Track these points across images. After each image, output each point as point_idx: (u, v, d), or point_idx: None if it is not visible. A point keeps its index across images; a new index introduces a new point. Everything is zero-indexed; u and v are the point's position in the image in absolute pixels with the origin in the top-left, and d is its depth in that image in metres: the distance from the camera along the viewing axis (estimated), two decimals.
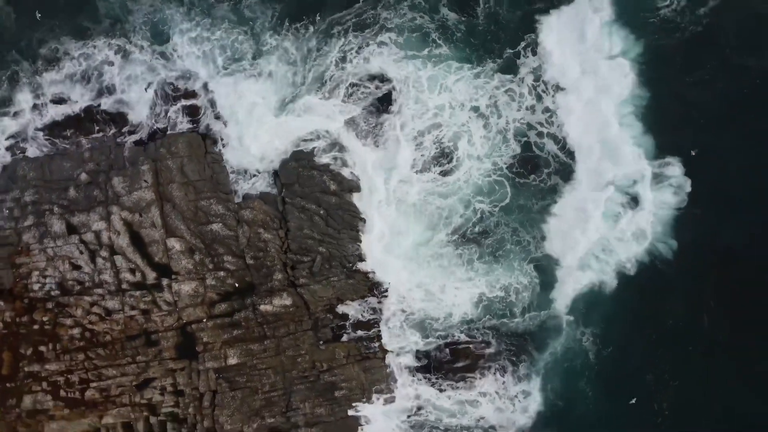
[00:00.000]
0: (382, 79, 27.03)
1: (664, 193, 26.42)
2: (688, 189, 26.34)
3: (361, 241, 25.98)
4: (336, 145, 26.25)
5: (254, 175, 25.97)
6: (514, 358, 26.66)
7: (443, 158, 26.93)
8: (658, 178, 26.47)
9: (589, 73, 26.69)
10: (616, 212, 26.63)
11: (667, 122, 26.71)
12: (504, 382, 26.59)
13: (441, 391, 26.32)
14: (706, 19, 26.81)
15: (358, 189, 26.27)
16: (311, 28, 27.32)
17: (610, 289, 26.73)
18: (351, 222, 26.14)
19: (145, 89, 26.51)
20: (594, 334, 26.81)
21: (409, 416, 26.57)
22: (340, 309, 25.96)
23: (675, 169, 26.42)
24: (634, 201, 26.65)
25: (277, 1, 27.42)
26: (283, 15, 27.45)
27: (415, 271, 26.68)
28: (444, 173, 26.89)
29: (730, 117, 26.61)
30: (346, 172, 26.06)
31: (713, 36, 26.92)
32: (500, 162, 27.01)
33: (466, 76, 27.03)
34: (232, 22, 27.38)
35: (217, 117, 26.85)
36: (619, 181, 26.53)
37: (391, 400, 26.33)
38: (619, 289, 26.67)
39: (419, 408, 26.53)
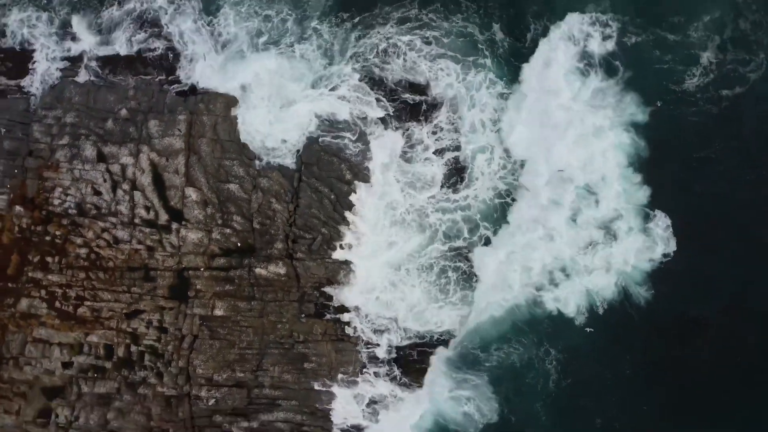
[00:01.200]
0: (418, 86, 28.82)
1: (647, 243, 28.06)
2: (673, 247, 27.81)
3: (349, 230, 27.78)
4: (361, 138, 27.94)
5: (278, 149, 27.70)
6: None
7: (457, 174, 28.61)
8: (645, 228, 28.03)
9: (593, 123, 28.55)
10: (595, 244, 28.15)
11: (664, 181, 28.12)
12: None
13: (401, 385, 27.98)
14: (726, 103, 28.23)
15: (367, 180, 27.80)
16: (357, 19, 29.04)
17: (581, 323, 28.21)
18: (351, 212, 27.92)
19: (193, 48, 28.38)
20: (558, 360, 28.37)
21: (367, 405, 28.24)
22: (328, 289, 27.68)
23: (662, 223, 27.97)
24: (614, 237, 28.20)
25: None
26: (335, 4, 29.34)
27: (399, 277, 28.42)
28: (455, 189, 28.55)
29: (729, 197, 28.01)
30: (362, 165, 27.76)
31: (729, 121, 28.29)
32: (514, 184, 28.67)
33: (498, 92, 28.68)
34: (281, 3, 29.28)
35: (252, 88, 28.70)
36: (603, 216, 28.14)
37: (353, 384, 28.04)
38: (590, 326, 28.14)
39: (375, 402, 28.20)
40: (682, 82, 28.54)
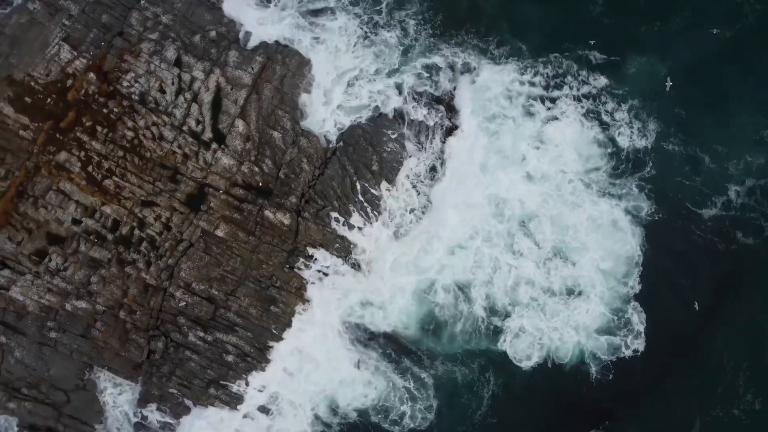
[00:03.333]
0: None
1: (618, 327, 30.78)
2: (640, 346, 30.31)
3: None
4: (399, 141, 31.08)
5: (327, 120, 30.82)
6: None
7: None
8: (620, 312, 30.79)
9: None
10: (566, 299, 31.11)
11: (649, 281, 30.38)
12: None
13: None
14: (734, 246, 29.77)
15: (390, 181, 31.05)
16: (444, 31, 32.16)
17: (527, 367, 30.84)
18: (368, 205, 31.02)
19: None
20: (494, 391, 31.05)
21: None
22: (318, 253, 30.76)
23: (637, 318, 30.54)
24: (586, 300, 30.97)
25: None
26: (428, 12, 32.41)
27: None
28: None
29: (702, 332, 30.27)
30: (391, 166, 30.89)
31: (728, 264, 29.99)
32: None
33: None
34: None
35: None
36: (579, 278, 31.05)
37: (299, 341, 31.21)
38: (533, 373, 30.79)
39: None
40: (701, 205, 30.01)
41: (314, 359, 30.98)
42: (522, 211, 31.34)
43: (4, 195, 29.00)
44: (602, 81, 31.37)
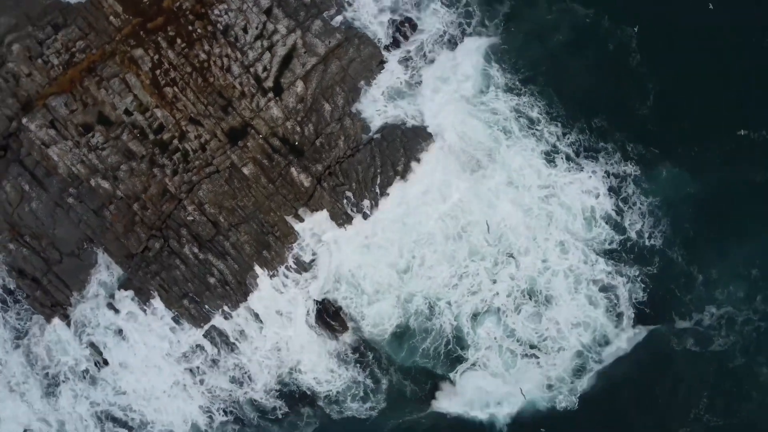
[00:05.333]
0: None
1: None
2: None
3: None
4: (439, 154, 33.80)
5: (378, 110, 33.78)
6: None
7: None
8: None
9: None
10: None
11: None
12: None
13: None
14: (707, 362, 32.22)
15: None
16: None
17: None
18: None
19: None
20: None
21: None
22: (322, 220, 33.66)
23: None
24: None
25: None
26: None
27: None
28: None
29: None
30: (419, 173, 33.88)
31: (695, 376, 32.47)
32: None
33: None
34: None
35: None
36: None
37: (279, 293, 34.12)
38: None
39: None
40: (682, 316, 32.48)
41: (285, 316, 33.94)
42: (514, 242, 33.80)
43: (77, 65, 31.78)
44: (631, 169, 33.74)
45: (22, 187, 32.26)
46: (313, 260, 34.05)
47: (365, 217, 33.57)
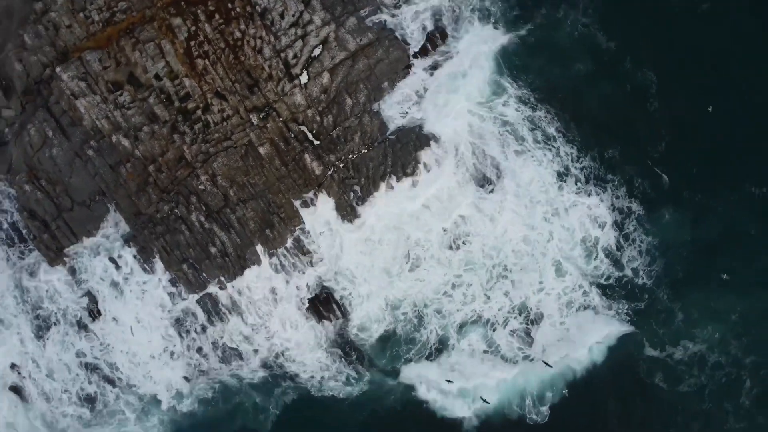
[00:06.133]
0: None
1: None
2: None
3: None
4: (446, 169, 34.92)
5: (403, 114, 35.02)
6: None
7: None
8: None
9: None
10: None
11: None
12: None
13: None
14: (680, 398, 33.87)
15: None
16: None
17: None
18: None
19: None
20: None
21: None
22: (327, 208, 34.76)
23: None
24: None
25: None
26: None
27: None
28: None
29: None
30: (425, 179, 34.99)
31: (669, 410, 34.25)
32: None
33: None
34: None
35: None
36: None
37: (276, 272, 35.24)
38: None
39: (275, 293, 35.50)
40: (656, 347, 34.06)
41: (278, 295, 35.07)
42: (512, 257, 35.01)
43: (116, 25, 32.93)
44: (636, 207, 34.84)
45: (45, 133, 33.41)
46: (312, 246, 35.10)
47: (368, 213, 34.64)
